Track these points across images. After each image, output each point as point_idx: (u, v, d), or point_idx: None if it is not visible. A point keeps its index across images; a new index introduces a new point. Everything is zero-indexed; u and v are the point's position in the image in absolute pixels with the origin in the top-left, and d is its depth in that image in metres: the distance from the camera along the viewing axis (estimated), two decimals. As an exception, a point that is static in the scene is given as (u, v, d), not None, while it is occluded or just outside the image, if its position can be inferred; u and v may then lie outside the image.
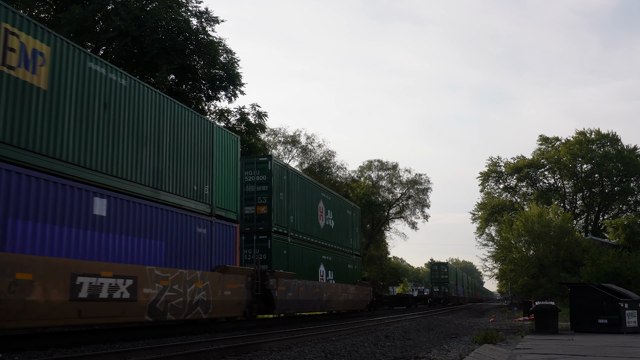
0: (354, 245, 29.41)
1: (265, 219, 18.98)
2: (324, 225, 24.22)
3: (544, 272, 39.42)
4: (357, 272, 29.56)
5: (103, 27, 23.71)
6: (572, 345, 11.32)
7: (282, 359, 8.86)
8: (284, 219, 19.99)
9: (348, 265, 27.82)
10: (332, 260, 24.85)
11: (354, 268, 28.91)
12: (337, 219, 26.23)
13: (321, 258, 23.55)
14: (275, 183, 19.34)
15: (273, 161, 19.57)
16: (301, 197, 21.89)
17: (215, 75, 25.94)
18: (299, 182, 22.04)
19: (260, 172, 19.29)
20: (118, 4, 23.11)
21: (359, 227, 31.53)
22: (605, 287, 16.31)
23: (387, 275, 70.92)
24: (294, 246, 20.68)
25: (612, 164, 58.00)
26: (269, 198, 19.05)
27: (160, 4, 23.98)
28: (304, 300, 20.31)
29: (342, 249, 26.95)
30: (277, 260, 18.98)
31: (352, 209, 29.80)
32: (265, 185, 19.12)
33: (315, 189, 23.81)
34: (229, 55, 26.29)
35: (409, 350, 10.27)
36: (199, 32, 25.10)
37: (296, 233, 21.06)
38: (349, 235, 28.55)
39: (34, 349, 9.96)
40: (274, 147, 45.49)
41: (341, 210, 27.25)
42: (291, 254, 20.33)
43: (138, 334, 13.01)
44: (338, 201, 27.18)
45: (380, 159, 65.14)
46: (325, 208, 24.53)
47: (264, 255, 18.45)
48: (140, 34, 22.62)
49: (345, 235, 27.89)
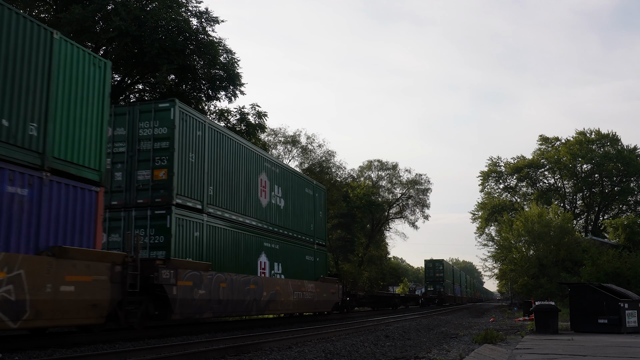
0: (316, 233, 24.44)
1: (164, 187, 13.93)
2: (267, 204, 19.36)
3: (544, 272, 39.42)
4: (320, 265, 24.48)
5: (103, 27, 23.69)
6: (572, 345, 11.31)
7: (282, 359, 8.87)
8: (197, 189, 14.99)
9: (306, 256, 22.85)
10: (280, 249, 20.02)
11: (315, 261, 23.80)
12: (290, 199, 21.55)
13: (262, 246, 18.61)
14: (180, 138, 14.37)
15: (178, 108, 14.37)
16: (229, 164, 16.91)
17: (215, 75, 25.91)
18: (225, 144, 16.86)
19: (160, 123, 14.26)
20: (118, 4, 23.09)
21: (324, 211, 26.44)
22: (605, 287, 16.32)
23: (387, 275, 70.93)
24: (214, 228, 15.73)
25: (612, 164, 58.00)
26: (170, 158, 13.93)
27: (160, 4, 23.96)
28: (228, 301, 15.42)
29: (298, 236, 22.14)
30: (182, 245, 14.13)
31: (315, 189, 24.80)
32: (165, 141, 14.11)
33: (254, 156, 18.72)
34: (229, 55, 26.27)
35: (409, 350, 10.27)
36: (199, 32, 25.07)
37: (219, 210, 16.03)
38: (309, 219, 23.57)
39: (34, 349, 9.96)
40: (274, 147, 45.46)
41: (297, 188, 22.48)
42: (209, 238, 15.37)
43: (138, 334, 13.01)
44: (292, 176, 22.29)
45: (380, 159, 65.11)
46: (271, 183, 19.75)
47: (160, 238, 13.62)
48: (140, 34, 22.60)
49: (303, 219, 22.95)
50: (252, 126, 27.90)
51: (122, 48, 23.41)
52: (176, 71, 24.06)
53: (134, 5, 23.29)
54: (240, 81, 26.67)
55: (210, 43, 24.89)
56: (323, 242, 25.65)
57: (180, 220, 14.12)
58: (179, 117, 14.43)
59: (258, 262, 18.33)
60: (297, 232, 22.15)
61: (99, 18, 23.49)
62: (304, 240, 22.93)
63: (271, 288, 18.42)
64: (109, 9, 23.37)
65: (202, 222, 15.16)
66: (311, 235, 23.82)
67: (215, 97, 26.88)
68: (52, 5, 25.40)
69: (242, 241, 17.43)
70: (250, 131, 27.87)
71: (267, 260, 19.02)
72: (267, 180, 19.57)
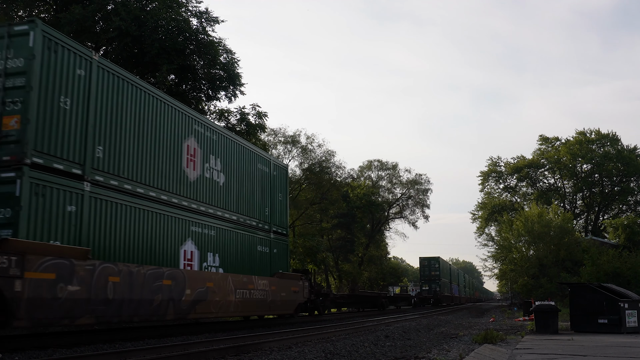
0: (273, 219, 20.09)
1: (15, 140, 10.06)
2: (198, 179, 15.17)
3: (544, 272, 39.44)
4: (278, 258, 20.17)
5: (103, 27, 23.71)
6: (572, 345, 11.32)
7: (282, 359, 8.87)
8: (73, 147, 11.06)
9: (258, 247, 18.58)
10: (217, 236, 15.97)
11: (272, 253, 19.60)
12: (234, 174, 17.40)
13: (188, 231, 14.54)
14: (44, 75, 10.48)
15: (42, 32, 10.48)
16: (135, 120, 12.92)
17: (215, 75, 25.93)
18: (129, 92, 12.81)
19: (15, 53, 10.42)
20: (118, 4, 23.11)
21: (285, 193, 21.73)
22: (605, 287, 16.32)
23: (387, 275, 70.97)
24: (104, 202, 11.71)
25: (612, 164, 58.04)
26: (26, 101, 10.10)
27: (160, 4, 23.98)
28: (124, 301, 11.45)
29: (246, 221, 17.89)
30: (44, 224, 10.21)
31: (272, 166, 20.46)
32: (20, 76, 10.26)
33: (177, 115, 14.46)
34: (229, 55, 26.30)
35: (409, 350, 10.27)
36: (199, 32, 25.10)
37: (114, 179, 12.08)
38: (262, 201, 19.27)
39: (34, 349, 9.96)
40: (274, 147, 45.48)
41: (246, 163, 18.27)
42: (95, 216, 11.42)
43: (138, 334, 13.02)
44: (239, 148, 17.92)
45: (380, 159, 65.26)
46: (204, 152, 15.58)
47: (5, 212, 9.82)
48: (140, 34, 22.62)
49: (254, 201, 18.65)
50: (252, 126, 27.92)
51: (122, 48, 23.42)
52: (176, 71, 24.08)
53: (134, 5, 23.31)
54: (240, 81, 26.71)
55: (210, 43, 24.92)
56: (283, 231, 21.00)
57: (39, 188, 10.11)
58: (44, 45, 10.49)
59: (181, 252, 14.07)
60: (244, 217, 17.72)
61: (99, 18, 23.52)
62: (255, 227, 18.52)
63: (199, 284, 14.09)
64: (109, 9, 23.40)
65: (81, 192, 11.07)
66: (266, 222, 19.37)
67: (215, 97, 26.91)
68: (52, 5, 25.42)
69: (154, 223, 13.21)
70: (251, 131, 27.89)
71: (196, 250, 14.78)
72: (197, 148, 15.27)
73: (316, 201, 47.63)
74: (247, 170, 18.42)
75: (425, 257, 60.28)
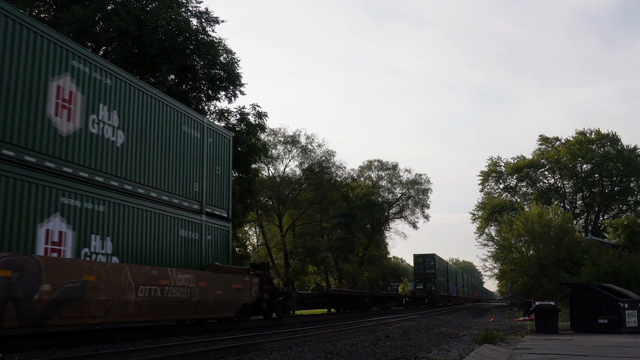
0: (208, 198, 16.01)
1: None
2: (75, 133, 11.48)
3: (544, 272, 39.46)
4: (213, 248, 16.12)
5: (103, 27, 23.73)
6: (572, 345, 11.32)
7: (282, 359, 8.87)
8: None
9: (180, 231, 14.52)
10: (109, 214, 12.14)
11: (203, 240, 15.53)
12: (140, 134, 13.47)
13: (57, 203, 10.80)
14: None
15: None
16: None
17: (215, 76, 25.94)
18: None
19: None
20: (118, 4, 23.13)
21: (228, 168, 17.41)
22: (605, 287, 16.33)
23: (387, 275, 71.02)
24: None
25: (612, 164, 58.09)
26: None
27: (160, 4, 24.00)
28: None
29: (160, 196, 13.86)
30: None
31: (207, 131, 16.27)
32: None
33: (38, 40, 10.73)
34: (229, 55, 26.31)
35: (409, 350, 10.27)
36: (199, 32, 25.11)
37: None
38: (189, 174, 15.16)
39: (34, 349, 9.97)
40: (274, 147, 45.51)
41: (160, 122, 14.21)
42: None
43: (138, 334, 13.03)
44: (148, 100, 13.95)
45: (380, 159, 65.39)
46: (89, 99, 11.91)
47: None
48: (140, 34, 22.63)
49: (177, 172, 14.65)
50: (252, 126, 27.92)
51: (122, 48, 23.43)
52: (176, 71, 24.09)
53: (134, 5, 23.33)
54: (240, 81, 26.71)
55: (210, 43, 24.93)
56: (223, 214, 16.86)
57: None
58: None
59: (40, 232, 10.29)
60: (156, 190, 13.80)
61: (99, 18, 23.54)
62: (176, 206, 14.42)
63: (69, 278, 10.20)
64: (109, 9, 23.42)
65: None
66: (194, 200, 15.25)
67: (215, 97, 26.91)
68: (52, 5, 25.44)
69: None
70: (251, 131, 27.89)
71: (70, 230, 11.03)
72: (77, 92, 11.58)
73: (316, 201, 47.67)
74: (164, 131, 14.29)
75: (420, 254, 56.43)
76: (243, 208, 28.33)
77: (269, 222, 48.09)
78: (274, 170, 46.96)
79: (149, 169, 13.69)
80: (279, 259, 46.39)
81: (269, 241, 47.21)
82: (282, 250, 44.96)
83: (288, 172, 47.14)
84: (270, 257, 46.40)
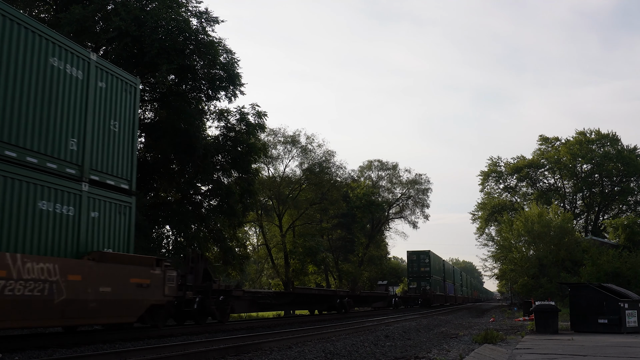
0: (94, 161, 12.01)
1: None
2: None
3: (544, 272, 39.45)
4: (103, 229, 12.01)
5: (103, 27, 23.71)
6: (572, 345, 11.32)
7: (282, 359, 8.87)
8: None
9: (39, 203, 10.34)
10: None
11: (84, 218, 11.45)
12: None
13: None
14: None
15: None
16: None
17: (215, 75, 25.91)
18: None
19: None
20: (118, 4, 23.11)
21: (132, 124, 13.41)
22: (605, 287, 16.32)
23: (387, 275, 71.01)
24: None
25: (612, 164, 58.10)
26: None
27: (160, 4, 23.99)
28: None
29: (1, 151, 9.72)
30: None
31: (96, 72, 12.23)
32: None
33: None
34: (229, 55, 26.27)
35: (409, 350, 10.27)
36: (199, 32, 25.08)
37: None
38: (60, 126, 11.12)
39: (34, 349, 9.97)
40: (273, 147, 45.47)
41: (9, 48, 10.01)
42: None
43: (138, 334, 13.02)
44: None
45: (380, 159, 65.27)
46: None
47: None
48: (140, 34, 22.62)
49: (34, 121, 10.49)
50: (252, 126, 27.90)
51: (122, 48, 23.42)
52: (176, 71, 24.07)
53: (134, 5, 23.31)
54: (240, 81, 26.67)
55: (210, 43, 24.90)
56: (122, 184, 12.88)
57: None
58: None
59: None
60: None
61: (99, 18, 23.53)
62: (36, 168, 10.42)
63: None
64: (109, 9, 23.40)
65: None
66: (70, 162, 11.31)
67: (215, 97, 26.88)
68: (52, 5, 25.44)
69: None
70: (250, 131, 27.87)
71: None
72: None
73: (316, 201, 47.64)
74: (17, 63, 10.21)
75: (414, 251, 52.45)
76: (243, 208, 28.33)
77: (269, 222, 48.05)
78: (274, 170, 46.95)
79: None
80: (279, 259, 46.37)
81: (269, 241, 47.18)
82: (282, 250, 44.96)
83: (288, 172, 47.12)
84: (270, 257, 46.39)
